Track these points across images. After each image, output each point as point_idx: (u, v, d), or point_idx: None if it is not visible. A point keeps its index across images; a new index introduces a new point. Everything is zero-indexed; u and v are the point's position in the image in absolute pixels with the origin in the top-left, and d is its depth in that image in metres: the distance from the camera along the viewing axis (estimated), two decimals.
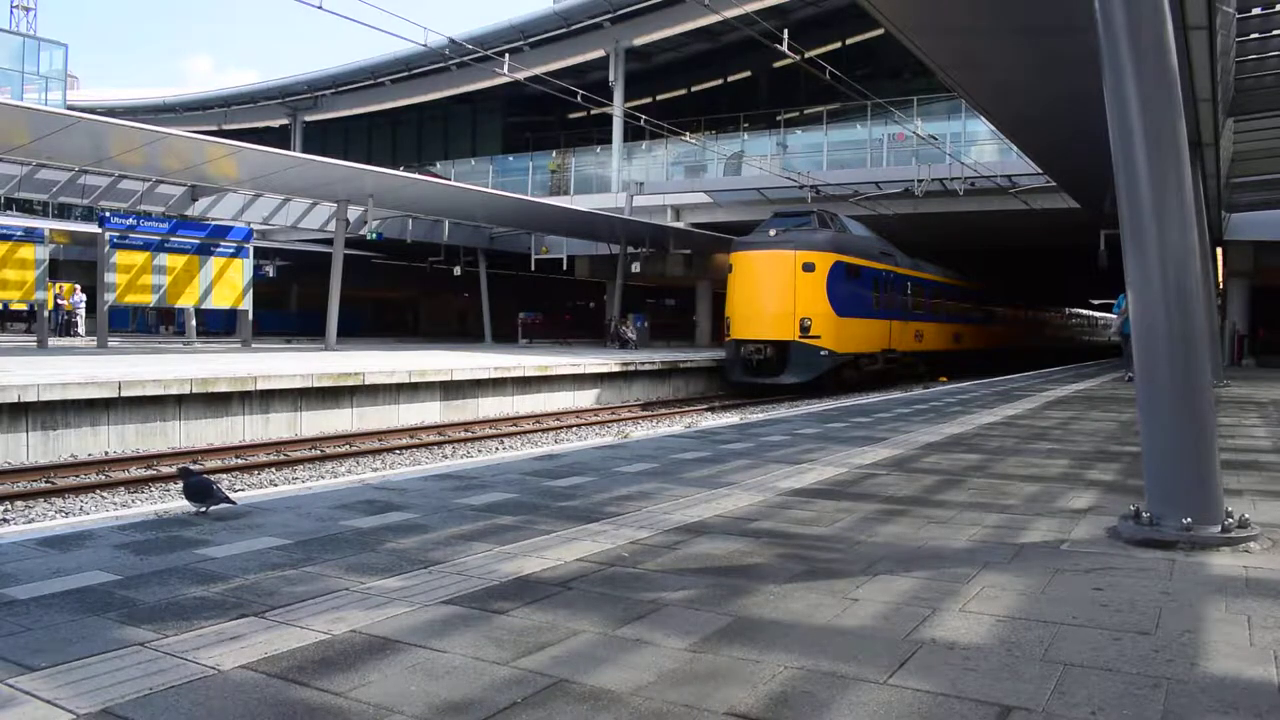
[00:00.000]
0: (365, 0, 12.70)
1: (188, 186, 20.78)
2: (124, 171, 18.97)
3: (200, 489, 4.37)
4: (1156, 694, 2.25)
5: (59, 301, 26.97)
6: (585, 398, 17.53)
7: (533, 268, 30.69)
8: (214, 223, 21.69)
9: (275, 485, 8.94)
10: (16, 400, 9.56)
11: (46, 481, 8.77)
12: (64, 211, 35.05)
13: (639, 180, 30.64)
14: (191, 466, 4.66)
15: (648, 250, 29.02)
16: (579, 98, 18.73)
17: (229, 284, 20.15)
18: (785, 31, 15.76)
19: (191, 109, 44.08)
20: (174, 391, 10.98)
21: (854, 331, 20.37)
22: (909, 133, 24.39)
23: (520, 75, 21.67)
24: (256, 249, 21.90)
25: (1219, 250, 21.86)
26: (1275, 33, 10.33)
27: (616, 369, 18.37)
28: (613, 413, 16.49)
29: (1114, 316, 16.71)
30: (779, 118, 32.59)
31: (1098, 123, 4.22)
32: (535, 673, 2.39)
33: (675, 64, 34.64)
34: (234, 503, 4.53)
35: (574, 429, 14.39)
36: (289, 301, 36.95)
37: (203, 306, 20.38)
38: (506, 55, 18.93)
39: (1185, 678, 2.35)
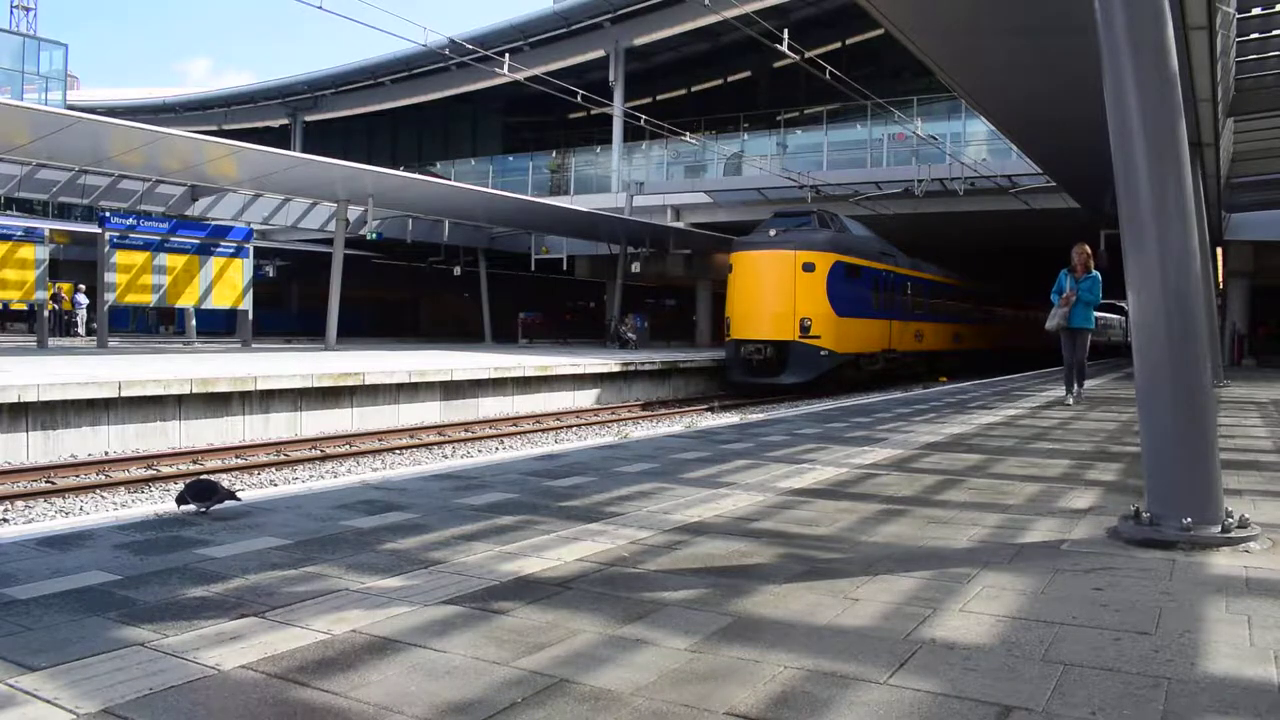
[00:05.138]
0: (365, 0, 12.71)
1: (188, 186, 20.78)
2: (124, 171, 18.97)
3: (202, 488, 4.38)
4: (1156, 694, 2.25)
5: (58, 301, 26.97)
6: (585, 398, 17.53)
7: (533, 268, 30.70)
8: (214, 223, 21.70)
9: (275, 485, 8.94)
10: (17, 400, 9.56)
11: (46, 481, 8.78)
12: (64, 211, 35.05)
13: (639, 180, 30.65)
14: (204, 478, 4.68)
15: (648, 250, 29.03)
16: (579, 98, 18.74)
17: (229, 284, 20.16)
18: (785, 31, 15.78)
19: (191, 109, 44.10)
20: (174, 391, 10.98)
21: (854, 331, 20.37)
22: (909, 133, 24.40)
23: (520, 75, 21.67)
24: (256, 249, 21.92)
25: (1219, 250, 21.87)
26: (1275, 33, 10.35)
27: (616, 369, 18.37)
28: (613, 413, 16.49)
29: (1057, 304, 10.68)
30: (779, 118, 32.59)
31: (1098, 122, 4.22)
32: (536, 673, 2.39)
33: (675, 64, 34.65)
34: (239, 499, 4.55)
35: (574, 429, 14.39)
36: (289, 301, 36.94)
37: (203, 306, 20.38)
38: (506, 55, 18.93)
39: (1185, 678, 2.35)
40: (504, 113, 40.86)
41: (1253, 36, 10.47)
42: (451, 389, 14.88)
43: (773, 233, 20.17)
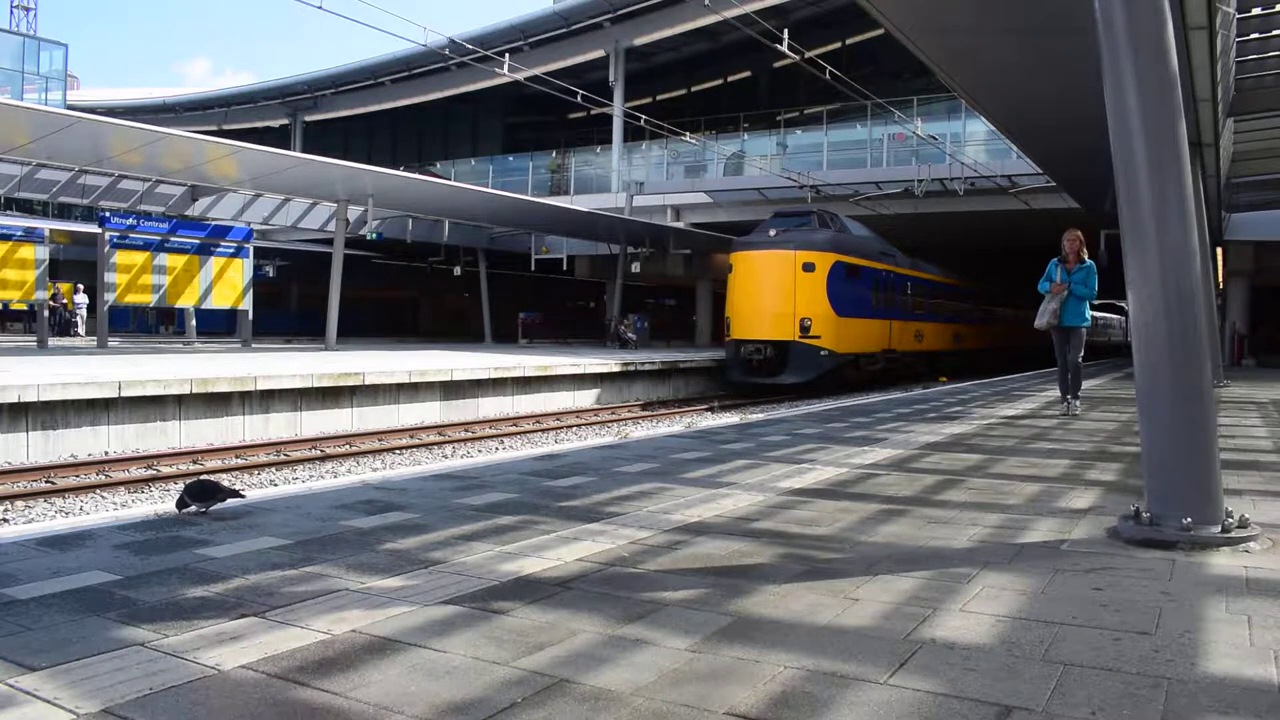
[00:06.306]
0: (365, 0, 12.72)
1: (188, 186, 20.78)
2: (124, 171, 18.98)
3: (203, 489, 4.39)
4: (1156, 694, 2.25)
5: (55, 302, 26.96)
6: (585, 398, 17.53)
7: (533, 268, 30.70)
8: (214, 223, 21.71)
9: (275, 485, 8.94)
10: (17, 400, 9.56)
11: (46, 481, 8.78)
12: (64, 211, 35.05)
13: (639, 180, 30.66)
14: (204, 478, 4.74)
15: (648, 250, 29.03)
16: (579, 98, 18.75)
17: (229, 284, 20.16)
18: (785, 31, 15.79)
19: (192, 109, 44.11)
20: (174, 391, 10.98)
21: (854, 331, 20.38)
22: (909, 133, 24.41)
23: (520, 75, 21.68)
24: (256, 249, 21.92)
25: (1219, 250, 21.88)
26: (1275, 33, 10.35)
27: (616, 369, 18.37)
28: (613, 413, 16.49)
29: (1046, 296, 9.39)
30: (779, 118, 32.62)
31: (1097, 122, 4.22)
32: (536, 673, 2.39)
33: (675, 64, 34.66)
34: (243, 495, 4.56)
35: (574, 429, 14.39)
36: (289, 301, 36.95)
37: (203, 306, 20.39)
38: (506, 55, 18.95)
39: (1185, 678, 2.35)
40: (504, 113, 40.88)
41: (1253, 36, 10.47)
42: (451, 389, 14.88)
43: (773, 233, 20.18)
